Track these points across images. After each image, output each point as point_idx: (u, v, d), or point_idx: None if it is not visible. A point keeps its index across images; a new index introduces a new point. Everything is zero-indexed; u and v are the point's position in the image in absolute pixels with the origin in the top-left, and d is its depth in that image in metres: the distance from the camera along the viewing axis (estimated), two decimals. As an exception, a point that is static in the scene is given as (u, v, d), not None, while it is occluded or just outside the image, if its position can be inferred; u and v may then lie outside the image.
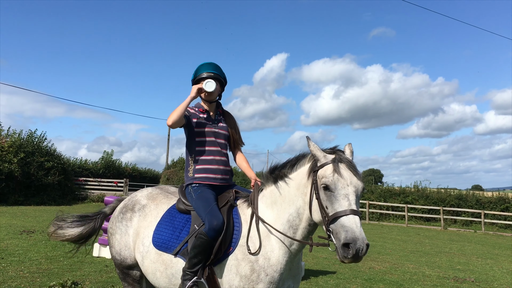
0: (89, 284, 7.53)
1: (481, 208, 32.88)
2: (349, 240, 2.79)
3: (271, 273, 3.35)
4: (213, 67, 4.05)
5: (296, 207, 3.37)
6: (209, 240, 3.41)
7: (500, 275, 11.97)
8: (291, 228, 3.40)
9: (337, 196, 2.99)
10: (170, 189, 4.42)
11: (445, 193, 35.43)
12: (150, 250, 3.82)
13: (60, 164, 29.83)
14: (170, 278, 3.69)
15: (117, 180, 33.43)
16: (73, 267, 8.76)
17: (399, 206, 33.24)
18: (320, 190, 3.11)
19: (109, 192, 31.05)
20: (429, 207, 33.05)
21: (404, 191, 35.94)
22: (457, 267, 12.94)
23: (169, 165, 39.31)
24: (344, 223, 2.87)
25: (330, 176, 3.04)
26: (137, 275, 4.08)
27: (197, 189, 3.82)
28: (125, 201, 4.35)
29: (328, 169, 3.10)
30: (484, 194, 37.80)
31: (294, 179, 3.44)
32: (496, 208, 33.04)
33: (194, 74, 4.08)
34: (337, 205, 2.96)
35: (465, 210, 32.38)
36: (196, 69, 4.07)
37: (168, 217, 3.90)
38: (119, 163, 37.68)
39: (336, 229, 2.90)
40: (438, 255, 15.52)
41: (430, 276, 11.00)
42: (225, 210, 3.64)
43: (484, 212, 30.85)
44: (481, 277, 11.44)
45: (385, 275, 10.50)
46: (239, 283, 3.35)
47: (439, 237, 23.75)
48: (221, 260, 3.49)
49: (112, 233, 4.20)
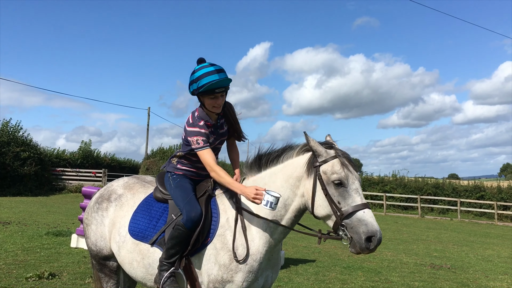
0: (66, 275, 7.43)
1: (457, 196, 33.55)
2: (371, 233, 2.96)
3: (250, 262, 3.34)
4: (223, 75, 3.49)
5: (283, 199, 3.37)
6: (187, 231, 3.38)
7: (475, 262, 12.24)
8: (274, 218, 3.41)
9: (349, 191, 3.09)
10: (147, 178, 4.35)
11: (422, 182, 36.07)
12: (126, 240, 3.77)
13: (36, 154, 29.41)
14: (147, 268, 3.65)
15: (96, 170, 33.02)
16: (50, 258, 8.63)
17: (377, 195, 33.69)
18: (328, 186, 3.14)
19: (88, 183, 30.68)
20: (407, 196, 33.62)
21: (382, 180, 36.48)
22: (434, 254, 13.19)
23: (148, 155, 38.95)
24: (362, 217, 3.00)
25: (341, 172, 3.11)
26: (113, 266, 4.02)
27: (176, 177, 3.77)
28: (101, 191, 4.27)
29: (336, 164, 3.15)
30: (460, 182, 38.64)
31: (282, 171, 3.43)
32: (471, 197, 33.77)
33: (196, 80, 3.49)
34: (351, 200, 3.07)
35: (441, 198, 33.01)
36: (198, 75, 3.49)
37: (145, 206, 3.84)
38: (97, 153, 37.22)
39: (353, 223, 3.01)
40: (416, 243, 15.79)
41: (408, 264, 11.18)
42: (203, 200, 3.60)
43: (460, 200, 31.51)
44: (457, 264, 11.68)
45: (364, 263, 10.63)
46: (218, 272, 3.34)
47: (416, 225, 24.16)
48: (199, 250, 3.46)
49: (87, 224, 4.12)
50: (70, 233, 11.28)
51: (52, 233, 11.49)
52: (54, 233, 11.55)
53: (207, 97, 3.52)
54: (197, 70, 3.51)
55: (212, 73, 3.44)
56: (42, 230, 12.26)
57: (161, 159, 35.18)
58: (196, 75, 3.49)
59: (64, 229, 12.41)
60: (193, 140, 3.53)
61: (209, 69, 3.46)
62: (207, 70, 3.46)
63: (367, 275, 9.37)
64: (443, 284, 8.87)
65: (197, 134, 3.53)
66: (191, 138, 3.54)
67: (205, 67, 3.49)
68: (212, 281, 3.37)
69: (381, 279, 9.09)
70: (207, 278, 3.40)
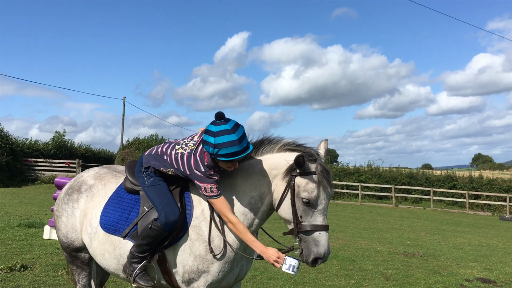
0: (39, 267, 7.31)
1: (430, 186, 34.25)
2: (319, 255, 3.13)
3: (227, 253, 3.35)
4: (244, 143, 3.17)
5: (260, 192, 3.39)
6: (165, 233, 3.35)
7: (446, 250, 12.54)
8: (252, 211, 3.42)
9: (314, 211, 3.15)
10: (118, 168, 4.28)
11: (396, 172, 36.72)
12: (98, 231, 3.70)
13: (8, 144, 28.82)
14: (118, 259, 3.61)
15: (70, 161, 32.47)
16: (22, 250, 8.47)
17: (353, 185, 34.12)
18: (297, 198, 3.17)
19: (61, 173, 30.09)
20: (381, 186, 34.16)
21: (358, 170, 36.95)
22: (407, 243, 13.45)
23: (124, 146, 38.48)
24: (317, 238, 3.14)
25: (313, 192, 3.13)
26: (85, 258, 3.97)
27: (150, 175, 3.59)
28: (71, 182, 4.18)
29: (310, 182, 3.14)
30: (433, 172, 39.44)
31: (260, 165, 3.40)
32: (444, 186, 34.55)
33: (215, 146, 3.11)
34: (312, 219, 3.15)
35: (415, 188, 33.67)
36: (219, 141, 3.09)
37: (116, 198, 3.76)
38: (71, 144, 36.58)
39: (307, 240, 3.15)
40: (389, 232, 16.07)
41: (382, 252, 11.37)
42: (176, 192, 3.55)
43: (433, 189, 32.20)
44: (429, 251, 11.94)
45: (339, 251, 10.76)
46: (193, 263, 3.33)
47: (390, 214, 24.58)
48: (173, 243, 3.44)
49: (58, 216, 4.04)
50: (43, 224, 11.08)
51: (24, 225, 11.27)
52: (26, 224, 11.33)
53: (223, 162, 3.23)
54: (218, 134, 3.10)
55: (235, 144, 3.08)
56: (13, 221, 12.02)
57: (137, 150, 34.83)
58: (216, 140, 3.08)
59: (36, 221, 12.19)
60: (206, 187, 3.26)
61: (232, 138, 3.08)
62: (229, 139, 3.07)
63: (342, 263, 9.49)
64: (415, 272, 9.06)
65: (210, 182, 3.27)
66: (202, 184, 3.29)
67: (228, 132, 3.09)
68: (187, 271, 3.36)
69: (355, 267, 9.23)
70: (182, 269, 3.39)
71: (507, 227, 21.75)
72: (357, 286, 7.68)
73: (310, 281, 7.82)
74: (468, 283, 8.37)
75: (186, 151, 3.41)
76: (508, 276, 9.23)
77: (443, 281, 8.40)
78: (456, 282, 8.35)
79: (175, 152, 3.47)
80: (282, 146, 3.41)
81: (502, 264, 10.71)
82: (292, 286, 7.37)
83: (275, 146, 3.43)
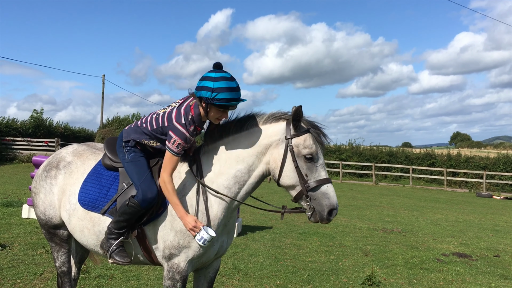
0: (18, 246, 7.24)
1: (410, 164, 34.76)
2: (332, 206, 3.21)
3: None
4: (239, 94, 3.30)
5: (247, 164, 3.39)
6: (141, 209, 3.33)
7: (424, 226, 12.81)
8: (237, 183, 3.40)
9: (317, 166, 3.27)
10: (97, 145, 4.22)
11: (377, 150, 37.11)
12: (77, 208, 3.66)
13: (-16, 123, 28.11)
14: (97, 235, 3.58)
15: (48, 139, 31.96)
16: (1, 229, 8.37)
17: (334, 163, 34.43)
18: (298, 158, 3.25)
19: (40, 152, 29.64)
20: (362, 164, 34.55)
21: (339, 149, 37.23)
22: (386, 219, 13.70)
23: (104, 124, 38.01)
24: (325, 191, 3.23)
25: (313, 147, 3.26)
26: (64, 235, 3.93)
27: (131, 150, 3.57)
28: (49, 158, 4.11)
29: (308, 139, 3.27)
30: (413, 151, 39.97)
31: (246, 137, 3.40)
32: (423, 164, 35.09)
33: (213, 90, 3.17)
34: (317, 174, 3.26)
35: (395, 166, 34.13)
36: (218, 85, 3.18)
37: (94, 174, 3.72)
38: (50, 122, 35.95)
39: (317, 196, 3.22)
40: (369, 209, 16.32)
41: (361, 228, 11.57)
42: (156, 170, 3.52)
43: (412, 167, 32.68)
44: (407, 227, 12.19)
45: (319, 228, 10.90)
46: (174, 238, 3.33)
47: (370, 192, 24.94)
48: (153, 219, 3.42)
49: (36, 193, 3.98)
50: (21, 203, 10.95)
51: (2, 204, 11.12)
52: (4, 203, 11.18)
53: (216, 109, 3.28)
54: (218, 79, 3.19)
55: (234, 90, 3.22)
56: (-9, 201, 11.85)
57: (117, 128, 34.42)
58: (216, 84, 3.17)
59: (15, 200, 12.04)
60: (175, 140, 3.26)
61: (231, 84, 3.22)
62: (230, 85, 3.20)
63: (322, 240, 9.64)
64: (393, 247, 9.25)
65: (181, 138, 3.26)
66: (174, 136, 3.26)
67: (227, 79, 3.21)
68: (168, 247, 3.35)
69: (335, 243, 9.38)
70: (163, 244, 3.38)
71: (483, 203, 22.29)
72: (336, 262, 7.82)
73: (290, 257, 7.92)
74: (444, 258, 8.59)
75: (169, 109, 3.44)
76: (483, 251, 9.50)
77: (420, 256, 8.60)
78: (433, 257, 8.56)
79: (156, 115, 3.50)
80: (267, 118, 3.42)
81: (478, 239, 11.00)
82: (272, 262, 7.46)
83: (260, 119, 3.44)
